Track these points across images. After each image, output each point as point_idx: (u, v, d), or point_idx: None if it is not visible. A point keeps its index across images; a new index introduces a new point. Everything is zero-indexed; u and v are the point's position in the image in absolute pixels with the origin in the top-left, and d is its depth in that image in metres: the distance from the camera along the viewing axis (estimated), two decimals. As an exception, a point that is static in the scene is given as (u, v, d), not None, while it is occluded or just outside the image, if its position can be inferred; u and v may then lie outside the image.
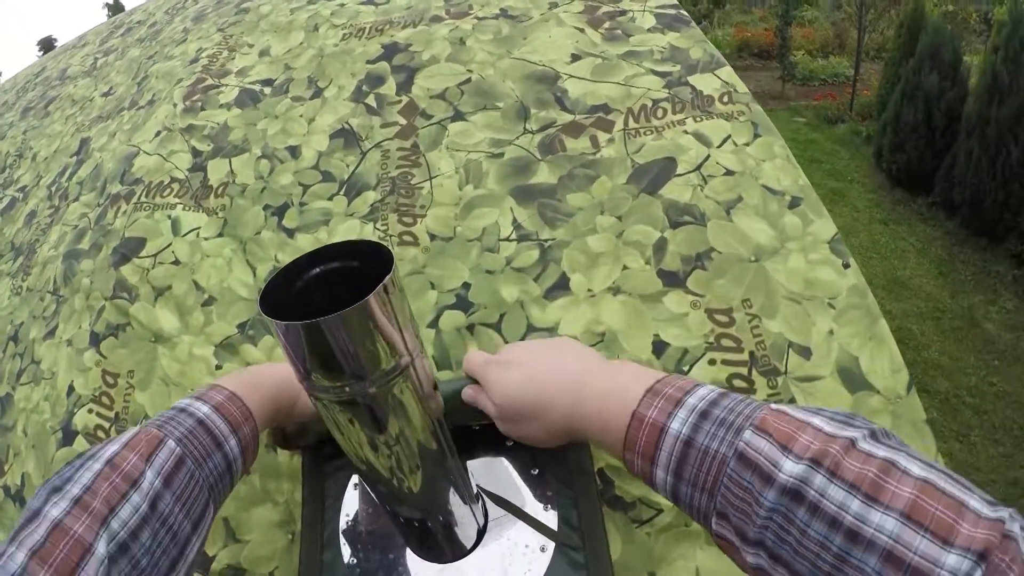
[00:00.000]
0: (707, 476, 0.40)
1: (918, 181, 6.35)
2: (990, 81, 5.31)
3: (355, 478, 0.69)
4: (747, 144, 0.87)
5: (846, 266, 0.77)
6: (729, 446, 0.40)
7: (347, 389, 0.43)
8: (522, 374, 0.56)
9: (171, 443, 0.48)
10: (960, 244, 5.79)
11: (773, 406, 0.41)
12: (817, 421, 0.39)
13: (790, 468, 0.37)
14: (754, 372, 0.71)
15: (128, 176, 1.09)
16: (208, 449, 0.50)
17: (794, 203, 0.82)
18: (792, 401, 0.69)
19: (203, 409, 0.52)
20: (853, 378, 0.71)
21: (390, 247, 0.86)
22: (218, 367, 0.83)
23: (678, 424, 0.42)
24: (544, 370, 0.56)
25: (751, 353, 0.72)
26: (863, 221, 6.22)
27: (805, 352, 0.72)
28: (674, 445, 0.42)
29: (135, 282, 0.93)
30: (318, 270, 0.45)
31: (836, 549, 0.35)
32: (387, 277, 0.40)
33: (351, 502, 0.69)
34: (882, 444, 0.37)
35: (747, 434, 0.39)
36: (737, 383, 0.71)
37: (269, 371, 0.64)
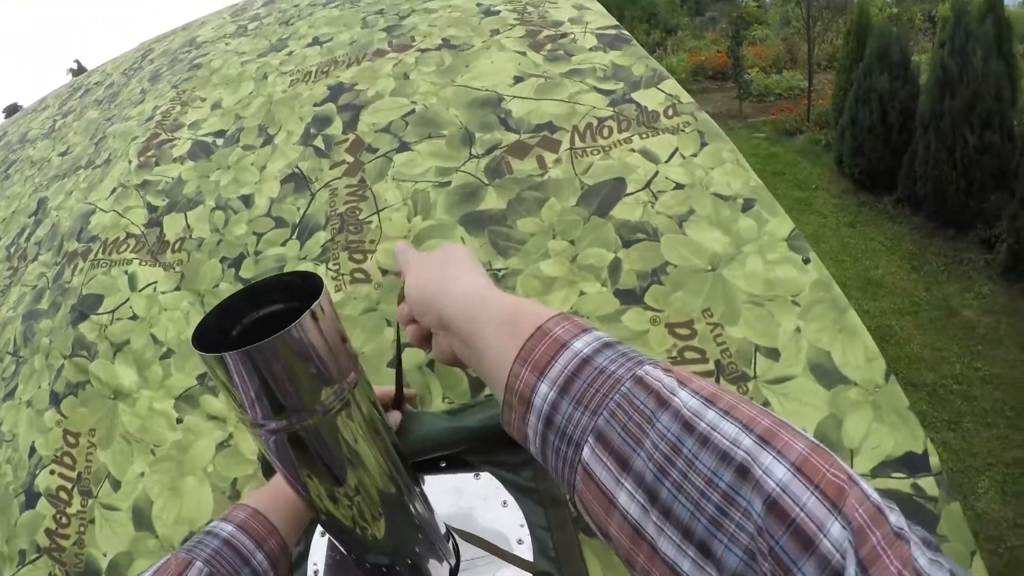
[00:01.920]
0: (596, 393, 0.38)
1: (881, 181, 6.48)
2: (940, 75, 5.46)
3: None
4: (695, 155, 0.87)
5: (806, 261, 0.76)
6: (628, 371, 0.38)
7: (286, 422, 0.42)
8: (431, 274, 0.52)
9: (199, 564, 0.50)
10: (929, 237, 5.89)
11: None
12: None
13: (686, 397, 0.35)
14: (722, 380, 0.70)
15: (85, 234, 1.09)
16: (235, 566, 0.52)
17: (747, 205, 0.82)
18: (766, 406, 0.68)
19: (227, 528, 0.54)
20: (827, 373, 0.69)
21: (342, 286, 0.86)
22: (179, 420, 0.81)
23: (581, 344, 0.40)
24: (453, 276, 0.51)
25: (717, 362, 0.71)
26: (831, 226, 6.31)
27: (773, 354, 0.71)
28: (571, 360, 0.39)
29: (93, 339, 0.92)
30: (258, 315, 0.45)
31: (725, 486, 0.32)
32: (315, 303, 0.40)
33: (319, 551, 0.67)
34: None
35: (647, 366, 0.38)
36: (705, 394, 0.70)
37: None
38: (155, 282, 0.95)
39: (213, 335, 0.42)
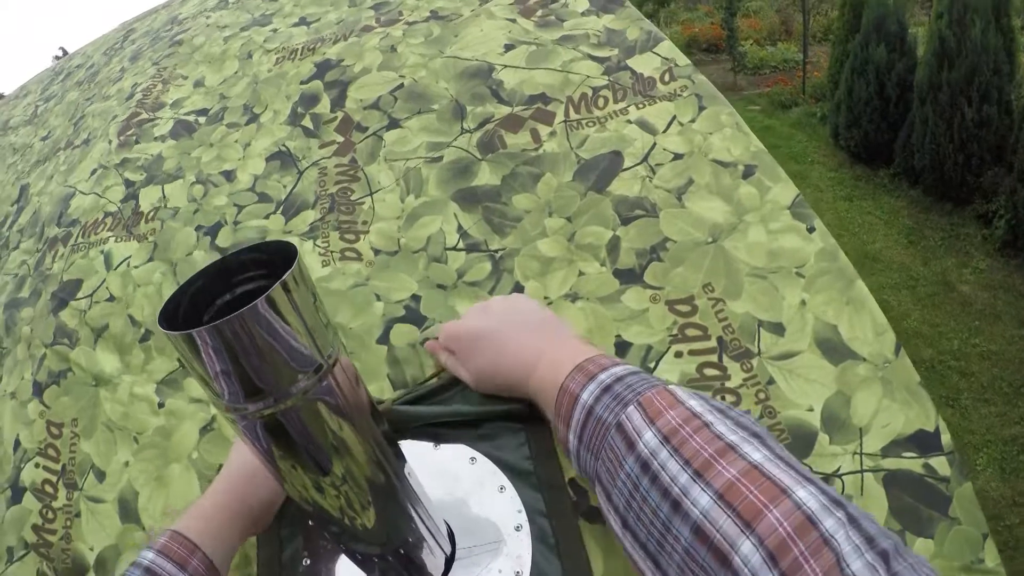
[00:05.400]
0: (595, 441, 0.47)
1: (877, 154, 6.42)
2: (938, 47, 5.38)
3: None
4: (692, 120, 0.84)
5: (811, 230, 0.73)
6: (614, 416, 0.46)
7: (263, 404, 0.39)
8: (489, 358, 0.63)
9: None
10: (926, 211, 5.85)
11: (669, 387, 0.46)
12: (693, 403, 0.44)
13: (648, 439, 0.42)
14: (725, 358, 0.66)
15: (65, 218, 1.06)
16: None
17: (748, 172, 0.78)
18: (771, 383, 0.65)
19: (148, 556, 0.54)
20: (834, 348, 0.66)
21: (331, 262, 0.83)
22: (160, 405, 0.79)
23: (587, 395, 0.49)
24: (508, 351, 0.62)
25: (719, 339, 0.68)
26: (827, 200, 6.27)
27: (777, 328, 0.68)
28: (581, 412, 0.49)
29: (74, 326, 0.89)
30: (237, 292, 0.41)
31: (663, 517, 0.40)
32: (287, 273, 0.36)
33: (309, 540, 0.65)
34: (739, 431, 0.41)
35: (630, 408, 0.45)
36: (709, 372, 0.66)
37: (221, 486, 0.63)
38: (128, 256, 0.92)
39: (188, 318, 0.40)
